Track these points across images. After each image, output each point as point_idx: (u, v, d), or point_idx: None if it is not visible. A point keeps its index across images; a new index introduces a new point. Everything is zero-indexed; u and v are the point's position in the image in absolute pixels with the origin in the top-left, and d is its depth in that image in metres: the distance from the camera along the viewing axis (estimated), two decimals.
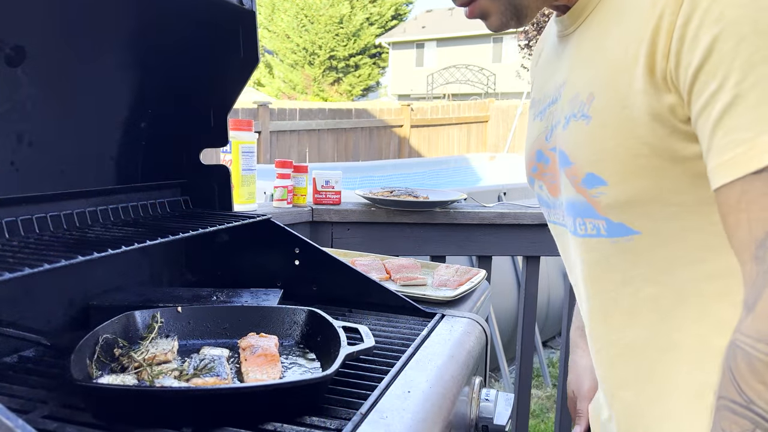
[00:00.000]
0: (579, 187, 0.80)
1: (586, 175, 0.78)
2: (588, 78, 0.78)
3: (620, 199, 0.75)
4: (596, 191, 0.77)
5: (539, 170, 0.94)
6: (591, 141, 0.77)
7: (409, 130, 12.79)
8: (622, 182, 0.75)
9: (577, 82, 0.81)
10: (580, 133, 0.78)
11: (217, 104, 1.24)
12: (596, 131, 0.76)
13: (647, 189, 0.74)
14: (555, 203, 0.91)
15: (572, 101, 0.81)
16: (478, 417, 0.97)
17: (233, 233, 1.27)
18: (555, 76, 0.90)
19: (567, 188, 0.83)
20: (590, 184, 0.78)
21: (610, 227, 0.78)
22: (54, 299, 1.01)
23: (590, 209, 0.79)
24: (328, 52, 24.40)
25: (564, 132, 0.82)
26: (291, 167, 2.20)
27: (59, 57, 1.01)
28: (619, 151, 0.74)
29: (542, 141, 0.92)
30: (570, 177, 0.81)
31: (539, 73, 0.99)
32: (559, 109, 0.85)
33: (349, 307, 1.18)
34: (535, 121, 0.96)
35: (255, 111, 9.64)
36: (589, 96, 0.77)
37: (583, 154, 0.78)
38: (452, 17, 25.73)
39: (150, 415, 0.68)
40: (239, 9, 1.13)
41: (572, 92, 0.81)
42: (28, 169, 0.99)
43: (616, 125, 0.73)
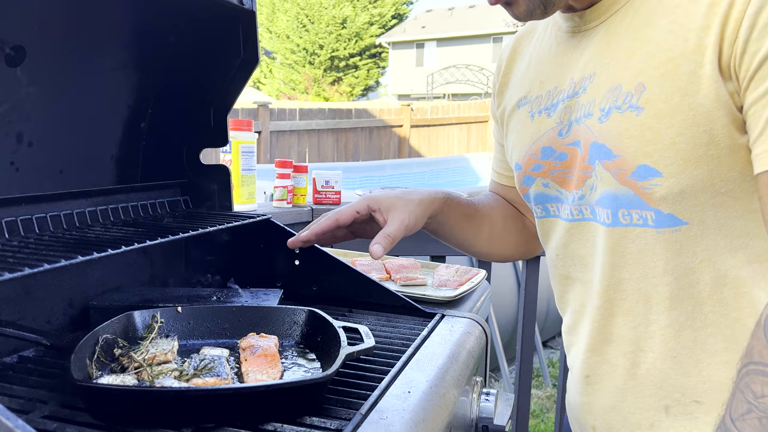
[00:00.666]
0: (626, 179, 0.80)
1: (638, 167, 0.78)
2: (633, 69, 0.78)
3: (675, 190, 0.76)
4: (649, 183, 0.78)
5: (545, 168, 0.94)
6: (644, 132, 0.77)
7: (409, 130, 12.79)
8: (678, 173, 0.75)
9: (616, 73, 0.81)
10: (629, 125, 0.78)
11: (217, 104, 1.24)
12: (650, 122, 0.76)
13: (702, 179, 0.75)
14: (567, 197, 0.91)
15: (611, 93, 0.81)
16: (478, 417, 0.97)
17: (233, 233, 1.27)
18: (567, 70, 0.90)
19: (606, 181, 0.83)
20: (643, 176, 0.78)
21: (659, 218, 0.79)
22: (54, 299, 1.00)
23: (639, 201, 0.80)
24: (328, 53, 24.41)
25: (602, 124, 0.82)
26: (291, 167, 2.20)
27: (59, 57, 1.01)
28: (677, 140, 0.74)
29: (552, 137, 0.91)
30: (614, 170, 0.81)
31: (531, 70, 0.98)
32: (585, 103, 0.85)
33: (349, 307, 1.18)
34: (534, 118, 0.95)
35: (255, 111, 9.64)
36: (637, 86, 0.77)
37: (634, 146, 0.78)
38: (452, 17, 25.74)
39: (150, 416, 0.68)
40: (239, 9, 1.13)
41: (609, 84, 0.81)
42: (28, 169, 0.99)
43: (675, 114, 0.74)
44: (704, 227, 0.78)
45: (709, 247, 0.79)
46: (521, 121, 0.99)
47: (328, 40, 24.09)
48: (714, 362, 0.81)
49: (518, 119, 1.00)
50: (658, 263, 0.82)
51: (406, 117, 12.74)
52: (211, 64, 1.22)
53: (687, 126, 0.74)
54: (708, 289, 0.80)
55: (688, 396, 0.83)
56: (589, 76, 0.85)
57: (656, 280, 0.82)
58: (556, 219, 0.96)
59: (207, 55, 1.22)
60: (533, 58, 0.99)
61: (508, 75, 1.05)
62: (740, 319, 0.79)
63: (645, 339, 0.85)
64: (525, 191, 1.01)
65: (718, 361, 0.81)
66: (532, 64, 0.99)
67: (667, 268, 0.81)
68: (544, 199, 0.97)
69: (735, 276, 0.79)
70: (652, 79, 0.76)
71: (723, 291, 0.79)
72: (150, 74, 1.21)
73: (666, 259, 0.81)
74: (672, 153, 0.75)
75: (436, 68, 24.79)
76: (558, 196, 0.93)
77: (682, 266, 0.80)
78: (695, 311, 0.81)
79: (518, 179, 1.01)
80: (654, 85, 0.76)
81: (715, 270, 0.79)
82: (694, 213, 0.77)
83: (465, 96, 21.48)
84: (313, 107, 12.05)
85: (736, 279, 0.79)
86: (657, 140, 0.76)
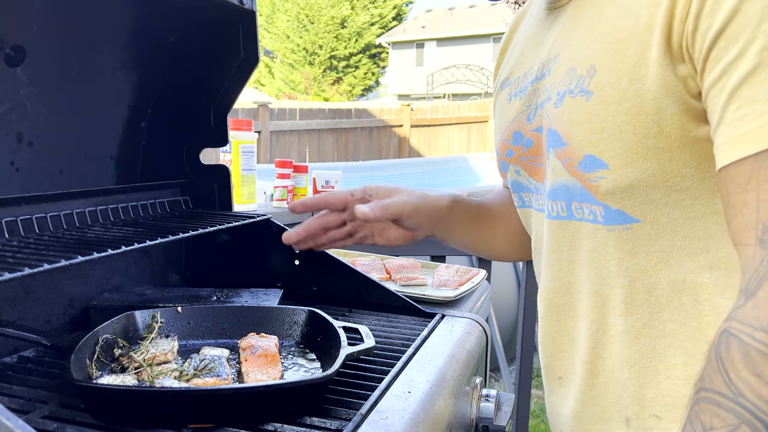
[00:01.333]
0: (574, 170, 0.73)
1: (584, 157, 0.71)
2: (588, 50, 0.71)
3: (622, 185, 0.69)
4: (595, 175, 0.71)
5: (515, 154, 0.88)
6: (591, 119, 0.70)
7: (409, 130, 12.79)
8: (625, 165, 0.68)
9: (574, 55, 0.74)
10: (578, 111, 0.71)
11: (217, 104, 1.24)
12: (598, 108, 0.69)
13: (651, 173, 0.68)
14: (538, 188, 0.85)
15: (567, 76, 0.74)
16: (478, 417, 0.97)
17: (233, 233, 1.27)
18: (539, 50, 0.83)
19: (558, 171, 0.76)
20: (588, 167, 0.71)
21: (607, 214, 0.73)
22: (54, 299, 1.00)
23: (586, 194, 0.73)
24: (328, 52, 24.41)
25: (557, 109, 0.75)
26: (291, 167, 2.20)
27: (59, 57, 1.01)
28: (624, 129, 0.67)
29: (522, 122, 0.85)
30: (563, 159, 0.74)
31: (516, 50, 0.92)
32: (548, 86, 0.78)
33: (349, 307, 1.18)
34: (511, 101, 0.89)
35: (255, 111, 9.64)
36: (589, 69, 0.70)
37: (582, 134, 0.71)
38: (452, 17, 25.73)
39: (150, 416, 0.68)
40: (239, 9, 1.13)
41: (567, 66, 0.74)
42: (28, 169, 0.99)
43: (622, 101, 0.67)
44: (658, 227, 0.71)
45: (664, 249, 0.71)
46: (502, 103, 0.93)
47: (328, 39, 24.10)
48: (673, 375, 0.74)
49: (500, 101, 0.94)
50: (611, 263, 0.75)
51: (406, 117, 12.73)
52: (211, 64, 1.22)
53: (634, 114, 0.66)
54: (666, 295, 0.73)
55: (647, 409, 0.76)
56: (554, 57, 0.78)
57: (611, 281, 0.76)
58: (530, 210, 0.91)
59: (207, 55, 1.22)
60: (520, 38, 0.93)
61: (501, 60, 0.99)
62: (700, 329, 0.72)
63: (603, 345, 0.79)
64: (504, 178, 0.95)
65: (678, 375, 0.74)
66: (518, 44, 0.92)
67: (620, 269, 0.74)
68: (519, 188, 0.91)
69: (694, 281, 0.71)
70: (602, 61, 0.69)
71: (681, 297, 0.72)
72: (150, 74, 1.21)
73: (618, 259, 0.74)
74: (618, 144, 0.68)
75: (436, 68, 24.80)
76: (528, 186, 0.87)
77: (636, 268, 0.73)
78: (653, 318, 0.74)
79: (497, 165, 0.96)
80: (604, 67, 0.69)
81: (672, 274, 0.72)
82: (646, 211, 0.70)
83: (465, 96, 21.48)
84: (313, 107, 12.05)
85: (696, 285, 0.71)
86: (603, 129, 0.69)
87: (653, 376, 0.76)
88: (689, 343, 0.73)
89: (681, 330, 0.73)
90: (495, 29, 22.89)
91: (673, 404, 0.75)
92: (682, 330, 0.73)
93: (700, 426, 0.57)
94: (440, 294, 1.24)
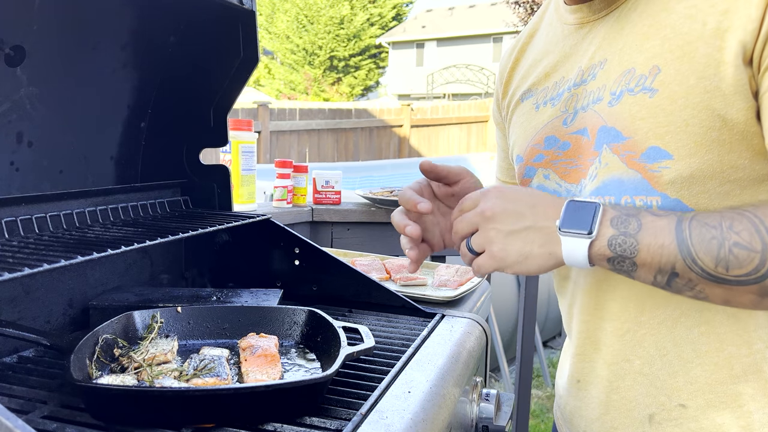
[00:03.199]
0: (635, 161, 0.78)
1: (648, 148, 0.77)
2: (647, 53, 0.78)
3: (684, 174, 0.75)
4: (658, 165, 0.77)
5: (547, 158, 0.92)
6: (656, 113, 0.76)
7: (409, 129, 12.80)
8: (689, 155, 0.74)
9: (629, 58, 0.81)
10: (642, 107, 0.78)
11: (217, 104, 1.24)
12: (664, 103, 0.76)
13: (711, 164, 0.74)
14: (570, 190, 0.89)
15: (624, 77, 0.80)
16: (478, 417, 0.97)
17: (233, 233, 1.27)
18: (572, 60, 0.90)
19: (612, 166, 0.81)
20: (652, 158, 0.77)
21: (665, 203, 0.77)
22: (54, 299, 1.00)
23: (645, 185, 0.78)
24: (328, 53, 24.42)
25: (612, 108, 0.81)
26: (291, 167, 2.20)
27: (59, 57, 1.01)
28: (691, 122, 0.74)
29: (557, 126, 0.90)
30: (622, 153, 0.80)
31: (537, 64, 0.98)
32: (594, 89, 0.85)
33: (349, 307, 1.18)
34: (539, 109, 0.94)
35: (255, 111, 9.65)
36: (652, 69, 0.77)
37: (646, 127, 0.77)
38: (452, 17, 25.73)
39: (150, 416, 0.68)
40: (239, 9, 1.13)
41: (621, 68, 0.81)
42: (27, 169, 0.99)
43: (690, 96, 0.74)
44: None
45: None
46: (525, 113, 0.98)
47: (327, 39, 24.10)
48: (703, 362, 0.80)
49: (522, 112, 0.99)
50: None
51: (406, 117, 12.74)
52: (211, 64, 1.22)
53: (701, 109, 0.73)
54: None
55: (674, 399, 0.82)
56: (600, 63, 0.85)
57: None
58: None
59: (207, 55, 1.22)
60: (538, 54, 0.99)
61: (512, 73, 1.05)
62: (735, 315, 0.78)
63: (633, 346, 0.84)
64: (527, 184, 0.98)
65: (708, 361, 0.80)
66: (537, 59, 0.99)
67: None
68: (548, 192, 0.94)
69: None
70: (667, 61, 0.76)
71: None
72: (150, 74, 1.21)
73: None
74: (684, 135, 0.74)
75: (436, 68, 24.80)
76: (557, 190, 0.92)
77: None
78: (691, 306, 0.80)
79: (519, 172, 0.99)
80: (669, 67, 0.76)
81: None
82: (701, 200, 0.76)
83: (465, 96, 21.48)
84: (313, 107, 12.05)
85: None
86: (669, 122, 0.75)
87: (683, 364, 0.81)
88: (723, 328, 0.79)
89: (717, 316, 0.79)
90: (495, 29, 22.88)
91: (700, 390, 0.81)
92: (717, 316, 0.79)
93: (728, 222, 0.68)
94: (440, 294, 1.24)
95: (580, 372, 0.92)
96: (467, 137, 13.44)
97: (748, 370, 0.79)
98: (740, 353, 0.79)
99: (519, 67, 1.03)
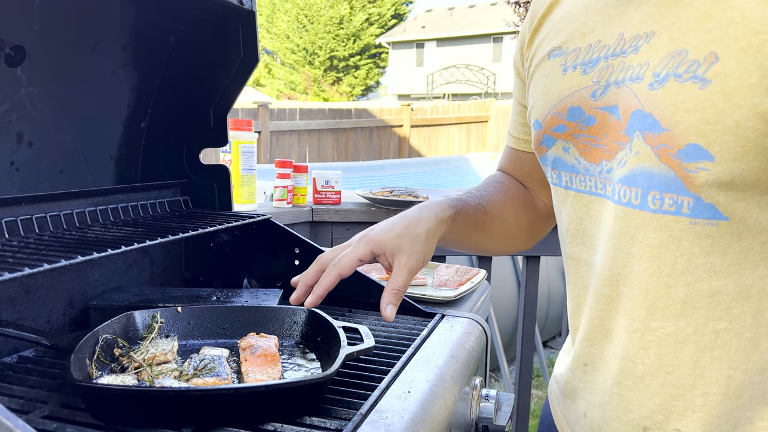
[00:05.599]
0: (669, 157, 0.70)
1: (687, 145, 0.68)
2: (706, 35, 0.68)
3: (723, 179, 0.67)
4: (696, 165, 0.68)
5: (569, 130, 0.84)
6: (705, 108, 0.67)
7: (409, 129, 12.80)
8: (733, 160, 0.66)
9: (681, 37, 0.70)
10: (688, 97, 0.68)
11: (217, 104, 1.24)
12: (715, 98, 0.66)
13: (755, 172, 0.66)
14: (588, 169, 0.82)
15: (673, 58, 0.71)
16: (478, 417, 0.96)
17: (233, 233, 1.27)
18: (615, 23, 0.80)
19: (644, 156, 0.73)
20: (690, 156, 0.68)
21: (697, 207, 0.70)
22: (54, 299, 1.01)
23: (677, 183, 0.71)
24: (328, 53, 24.42)
25: (654, 91, 0.72)
26: (291, 167, 2.20)
27: (59, 57, 1.01)
28: (743, 125, 0.65)
29: (585, 97, 0.81)
30: (656, 145, 0.71)
31: (572, 18, 0.88)
32: (635, 65, 0.75)
33: (349, 307, 1.18)
34: (567, 72, 0.85)
35: (255, 111, 9.65)
36: (708, 56, 0.67)
37: (689, 122, 0.68)
38: (452, 17, 25.73)
39: (150, 416, 0.68)
40: (239, 9, 1.13)
41: (671, 47, 0.71)
42: (27, 169, 0.99)
43: (748, 95, 0.65)
44: (743, 227, 0.69)
45: (743, 251, 0.70)
46: (550, 74, 0.89)
47: (327, 39, 24.11)
48: (711, 391, 0.72)
49: (547, 71, 0.89)
50: (680, 259, 0.72)
51: (406, 117, 12.74)
52: (210, 64, 1.22)
53: (758, 111, 0.64)
54: (728, 301, 0.71)
55: (672, 422, 0.75)
56: (645, 35, 0.74)
57: (671, 279, 0.73)
58: (567, 191, 0.88)
59: (207, 55, 1.22)
60: (575, 6, 0.88)
61: (543, 21, 0.93)
62: (754, 340, 0.70)
63: (638, 348, 0.77)
64: (543, 152, 0.91)
65: (717, 390, 0.72)
66: (574, 12, 0.87)
67: (689, 266, 0.72)
68: (561, 166, 0.88)
69: (761, 289, 0.70)
70: (728, 50, 0.66)
71: (744, 305, 0.70)
72: (150, 74, 1.21)
73: (691, 255, 0.71)
74: (732, 137, 0.66)
75: (436, 68, 24.81)
76: (575, 166, 0.84)
77: (705, 267, 0.71)
78: (706, 326, 0.72)
79: (536, 138, 0.91)
80: (730, 57, 0.66)
81: (742, 278, 0.70)
82: (737, 208, 0.68)
83: (465, 96, 21.50)
84: (313, 107, 12.05)
85: (762, 293, 0.70)
86: (718, 120, 0.66)
87: (689, 389, 0.74)
88: (738, 354, 0.71)
89: (734, 340, 0.71)
90: (495, 29, 22.89)
91: (701, 421, 0.73)
92: (735, 340, 0.71)
93: None
94: (440, 294, 1.24)
95: (588, 356, 0.85)
96: (467, 137, 13.44)
97: (755, 396, 0.72)
98: (752, 381, 0.71)
99: (553, 14, 0.92)
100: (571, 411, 0.92)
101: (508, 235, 1.11)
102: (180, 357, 0.86)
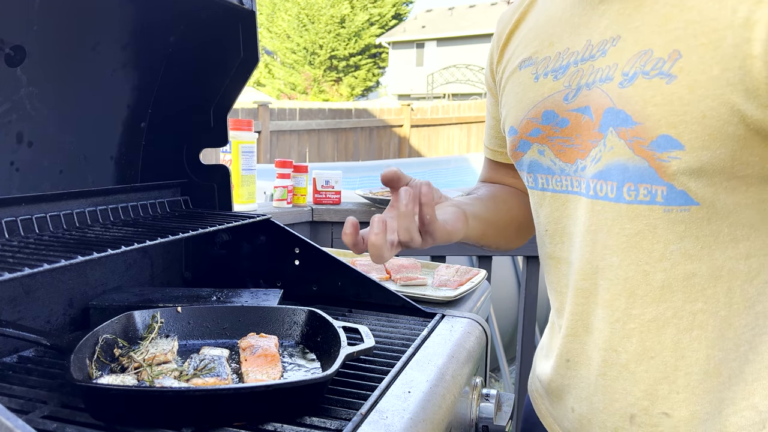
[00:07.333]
0: (643, 149, 0.75)
1: (659, 137, 0.73)
2: (668, 35, 0.73)
3: (693, 166, 0.72)
4: (668, 155, 0.73)
5: (544, 133, 0.88)
6: (672, 101, 0.72)
7: (409, 129, 12.80)
8: (701, 148, 0.71)
9: (646, 38, 0.76)
10: (656, 92, 0.73)
11: (217, 104, 1.24)
12: (681, 91, 0.72)
13: (723, 158, 0.71)
14: (564, 169, 0.86)
15: (639, 58, 0.76)
16: (478, 417, 0.97)
17: (233, 233, 1.27)
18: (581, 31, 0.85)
19: (618, 151, 0.78)
20: (662, 146, 0.73)
21: (670, 194, 0.75)
22: (54, 299, 1.01)
23: (651, 173, 0.75)
24: (328, 52, 24.42)
25: (624, 89, 0.77)
26: (291, 167, 2.20)
27: (59, 57, 1.01)
28: (708, 114, 0.70)
29: (557, 101, 0.86)
30: (629, 138, 0.76)
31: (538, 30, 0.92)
32: (604, 67, 0.80)
33: (349, 307, 1.18)
34: (539, 80, 0.90)
35: (255, 111, 9.65)
36: (672, 53, 0.73)
37: (659, 114, 0.73)
38: (452, 17, 25.73)
39: (150, 416, 0.68)
40: (239, 9, 1.13)
41: (636, 48, 0.77)
42: (27, 169, 0.99)
43: (711, 88, 0.70)
44: (713, 211, 0.74)
45: (713, 233, 0.75)
46: (523, 82, 0.93)
47: (327, 39, 24.11)
48: (692, 371, 0.77)
49: (519, 80, 0.94)
50: (656, 246, 0.77)
51: (406, 117, 12.74)
52: (211, 64, 1.22)
53: (721, 102, 0.69)
54: (702, 282, 0.76)
55: (657, 406, 0.79)
56: (612, 39, 0.80)
57: (649, 266, 0.78)
58: (544, 193, 0.91)
59: (207, 55, 1.22)
60: (541, 19, 0.93)
61: (511, 36, 0.99)
62: (728, 318, 0.76)
63: (620, 338, 0.81)
64: (519, 157, 0.95)
65: (698, 370, 0.77)
66: (540, 24, 0.93)
67: (665, 252, 0.77)
68: (537, 169, 0.92)
69: (731, 269, 0.75)
70: (690, 47, 0.71)
71: (717, 285, 0.76)
72: (150, 74, 1.21)
73: (666, 241, 0.76)
74: (698, 127, 0.71)
75: (436, 68, 24.80)
76: (551, 167, 0.89)
77: (680, 252, 0.76)
78: (684, 308, 0.77)
79: (512, 144, 0.95)
80: (692, 53, 0.71)
81: (713, 260, 0.75)
82: (707, 194, 0.73)
83: (465, 96, 21.49)
84: (313, 107, 12.05)
85: (732, 272, 0.75)
86: (685, 112, 0.71)
87: (672, 370, 0.78)
88: (715, 333, 0.76)
89: (710, 320, 0.76)
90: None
91: (686, 401, 0.78)
92: (711, 320, 0.76)
93: None
94: (440, 294, 1.24)
95: (570, 352, 0.89)
96: (467, 137, 13.44)
97: (733, 373, 0.77)
98: (728, 357, 0.76)
99: (520, 29, 0.97)
100: (557, 407, 0.94)
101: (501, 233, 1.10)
102: (180, 357, 0.86)
